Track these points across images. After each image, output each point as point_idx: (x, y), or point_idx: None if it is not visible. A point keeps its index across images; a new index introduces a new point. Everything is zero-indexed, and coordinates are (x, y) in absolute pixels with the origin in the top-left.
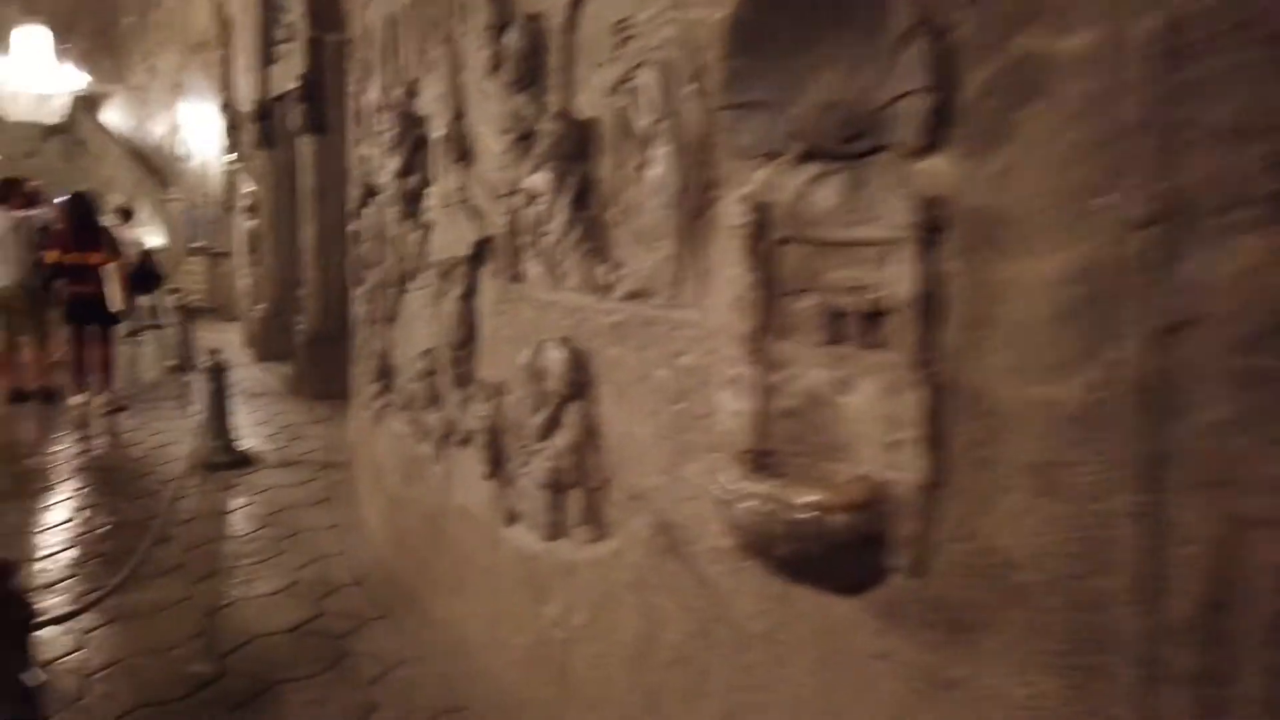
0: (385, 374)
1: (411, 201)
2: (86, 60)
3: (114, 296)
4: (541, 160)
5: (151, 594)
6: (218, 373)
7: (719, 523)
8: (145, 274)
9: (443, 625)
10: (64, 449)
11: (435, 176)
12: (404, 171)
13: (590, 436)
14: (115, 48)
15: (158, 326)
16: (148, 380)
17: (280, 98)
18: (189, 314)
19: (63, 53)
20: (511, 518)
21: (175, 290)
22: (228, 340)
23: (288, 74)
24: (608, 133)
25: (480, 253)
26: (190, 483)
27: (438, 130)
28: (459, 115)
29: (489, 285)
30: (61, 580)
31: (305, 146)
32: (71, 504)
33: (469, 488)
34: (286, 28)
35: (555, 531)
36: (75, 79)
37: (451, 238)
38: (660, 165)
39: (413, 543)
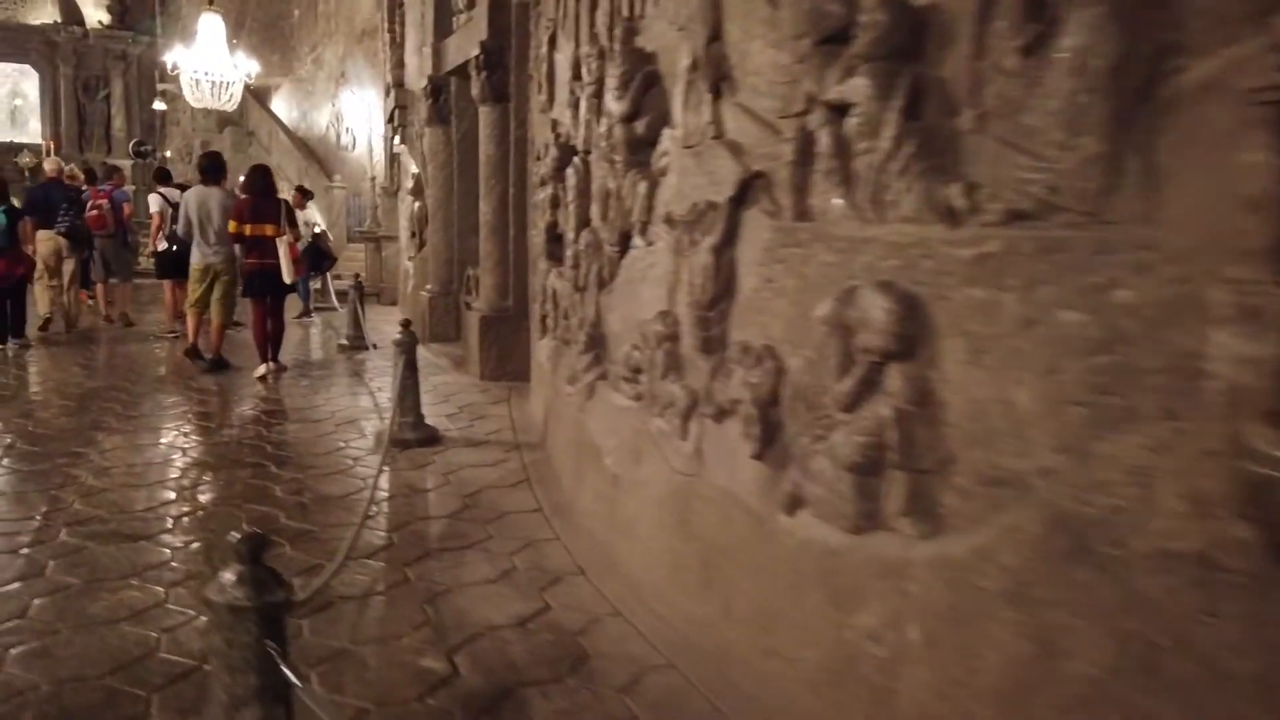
0: (596, 343)
1: (637, 149)
2: (255, 54)
3: (285, 268)
4: (858, 62)
5: (364, 576)
6: (407, 347)
7: (1226, 510)
8: (318, 254)
9: (693, 627)
10: (248, 423)
11: (673, 117)
12: (629, 116)
13: (923, 405)
14: (283, 41)
15: (329, 308)
16: (320, 358)
17: (455, 71)
18: (361, 293)
19: (234, 45)
20: (793, 504)
21: (338, 275)
22: (391, 322)
23: (466, 45)
24: (957, 16)
25: (742, 194)
26: (381, 459)
27: (680, 61)
28: (715, 37)
29: (756, 230)
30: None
31: (486, 116)
32: (265, 477)
33: (729, 468)
34: None
35: (866, 523)
36: (249, 67)
37: (699, 181)
38: (1077, 35)
39: (645, 530)
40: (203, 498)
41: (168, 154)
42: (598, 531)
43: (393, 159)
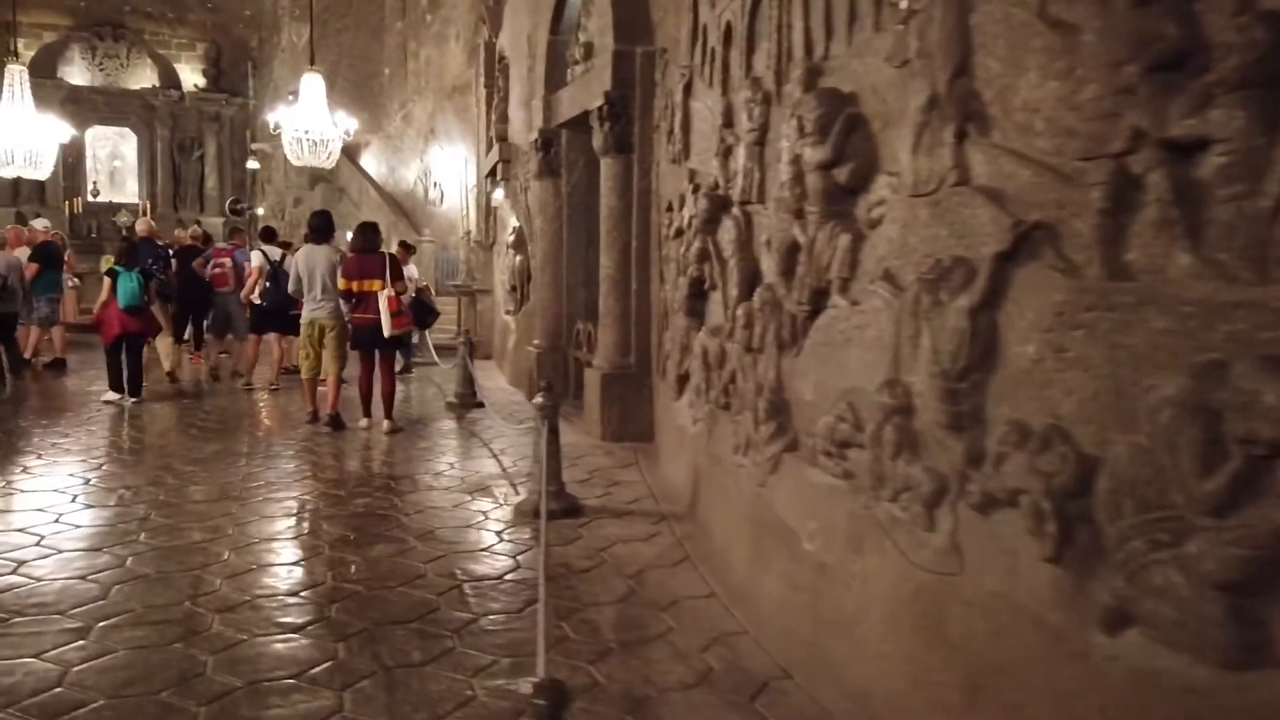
0: (779, 411)
1: (835, 199)
2: (346, 112)
3: (384, 321)
4: (1219, 91)
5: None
6: (550, 411)
7: None
8: (423, 309)
9: None
10: (377, 490)
11: (885, 163)
12: (829, 163)
13: None
14: (372, 99)
15: (429, 363)
16: (430, 416)
17: (568, 124)
18: (471, 349)
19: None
20: (1116, 621)
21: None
22: (490, 378)
23: (584, 96)
24: None
25: (1014, 248)
26: (524, 532)
27: (907, 100)
28: (960, 72)
29: (1036, 290)
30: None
31: (608, 168)
32: (408, 553)
33: (1005, 569)
34: (583, 47)
35: (1246, 656)
36: (348, 125)
37: (937, 233)
38: None
39: (871, 632)
40: (350, 579)
41: (260, 210)
42: (798, 627)
43: (488, 213)
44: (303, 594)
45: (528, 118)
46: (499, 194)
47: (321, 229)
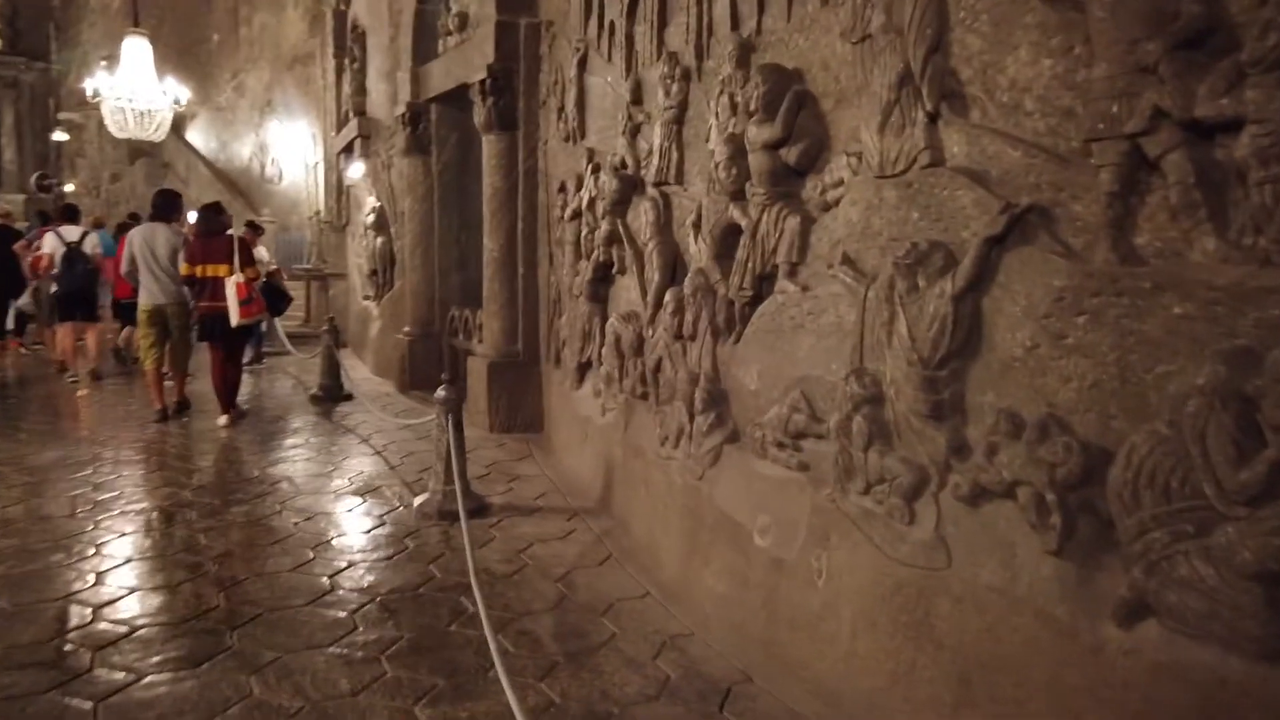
0: (717, 401)
1: (782, 180)
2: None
3: (232, 310)
4: (1254, 71)
5: (500, 695)
6: (454, 405)
7: None
8: (275, 294)
9: None
10: (257, 497)
11: (841, 142)
12: (777, 142)
13: None
14: (199, 68)
15: (280, 352)
16: (296, 411)
17: (440, 98)
18: (336, 338)
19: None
20: (1133, 613)
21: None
22: (351, 368)
23: (460, 69)
24: None
25: (1005, 231)
26: (431, 536)
27: (883, 75)
28: (935, 48)
29: (1031, 275)
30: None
31: (491, 145)
32: (316, 565)
33: (1000, 562)
34: (457, 17)
35: None
36: (179, 94)
37: (907, 216)
38: None
39: (842, 629)
40: (247, 599)
41: (69, 187)
42: (750, 626)
43: (340, 191)
44: (194, 621)
45: (391, 90)
46: (355, 171)
47: (164, 207)
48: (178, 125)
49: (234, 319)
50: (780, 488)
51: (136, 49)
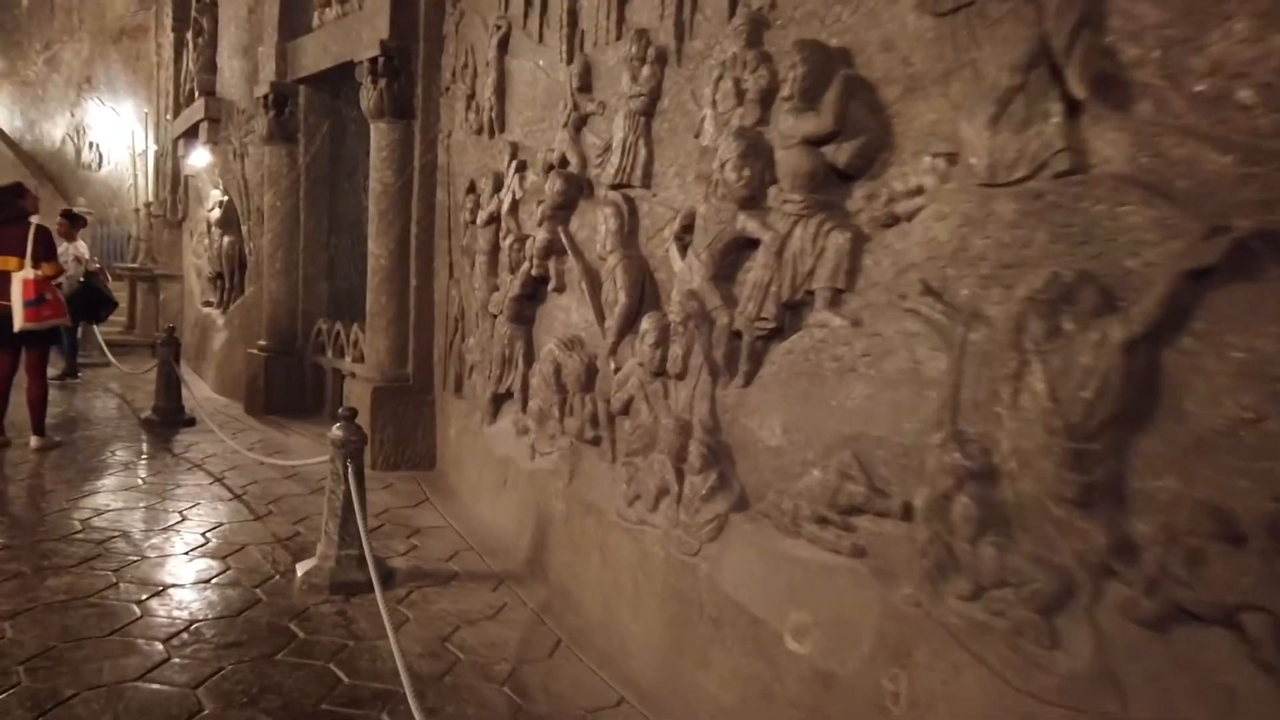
0: (719, 459)
1: (823, 186)
2: None
3: (16, 311)
4: None
5: None
6: (354, 450)
7: None
8: (95, 298)
9: None
10: (85, 561)
11: (911, 140)
12: (824, 138)
13: None
14: (4, 34)
15: (99, 363)
16: (125, 438)
17: (311, 79)
18: (176, 351)
19: None
20: None
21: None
22: (188, 384)
23: (341, 45)
24: None
25: (1215, 262)
26: (326, 618)
27: (1002, 55)
28: (1085, 21)
29: (1247, 323)
30: None
31: (382, 135)
32: (158, 665)
33: (1223, 714)
34: None
35: None
36: None
37: (1032, 236)
38: None
39: None
40: None
41: None
42: None
43: (177, 182)
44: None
45: (249, 68)
46: (198, 160)
47: None
48: None
49: (16, 322)
50: (824, 577)
51: None
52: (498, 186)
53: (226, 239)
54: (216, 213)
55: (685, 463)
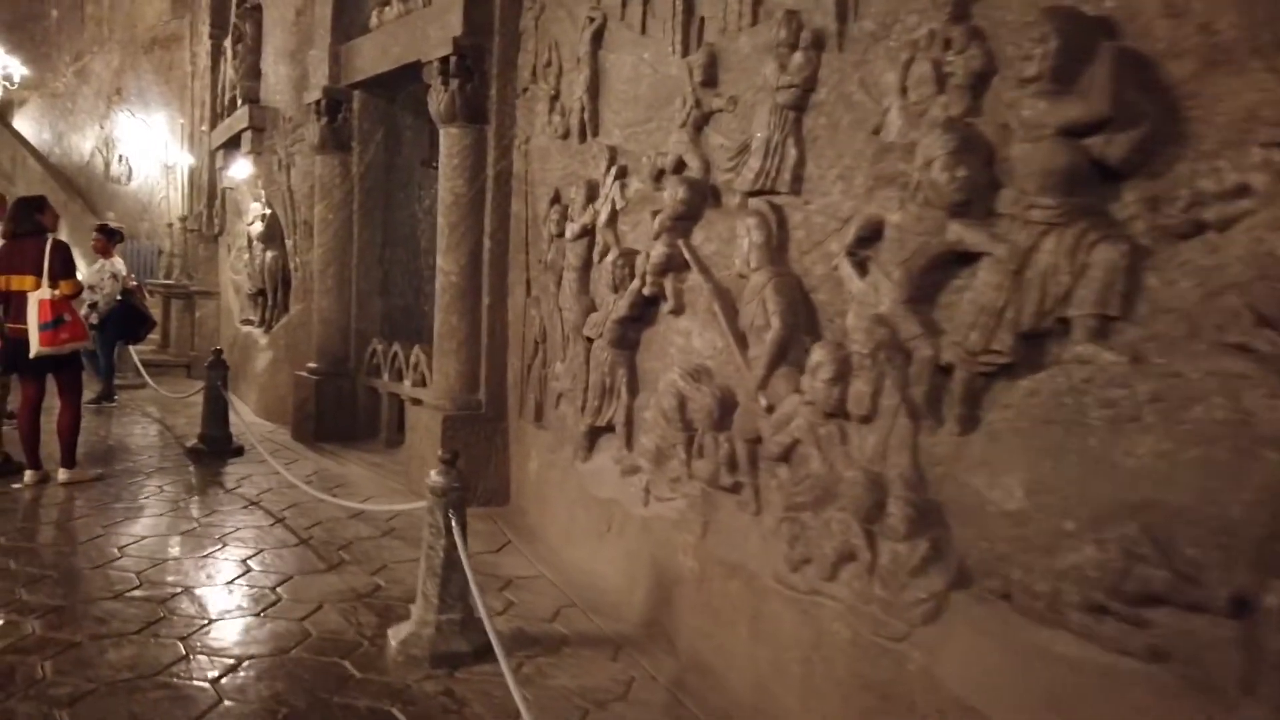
0: (931, 522)
1: (1082, 188)
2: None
3: (32, 334)
4: None
5: None
6: (455, 500)
7: None
8: (131, 317)
9: None
10: (147, 627)
11: (1209, 131)
12: (1090, 127)
13: None
14: (34, 46)
15: (134, 385)
16: (170, 469)
17: (367, 83)
18: (225, 376)
19: None
20: None
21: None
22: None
23: (404, 44)
24: None
25: None
26: (430, 698)
27: None
28: None
29: None
30: None
31: (453, 141)
32: None
33: None
34: None
35: None
36: (11, 69)
37: None
38: None
39: None
40: None
41: None
42: None
43: (214, 195)
44: None
45: (296, 74)
46: (239, 171)
47: None
48: (3, 111)
49: (32, 347)
50: (1107, 684)
51: None
52: (592, 196)
53: (269, 254)
54: (258, 226)
55: (880, 524)
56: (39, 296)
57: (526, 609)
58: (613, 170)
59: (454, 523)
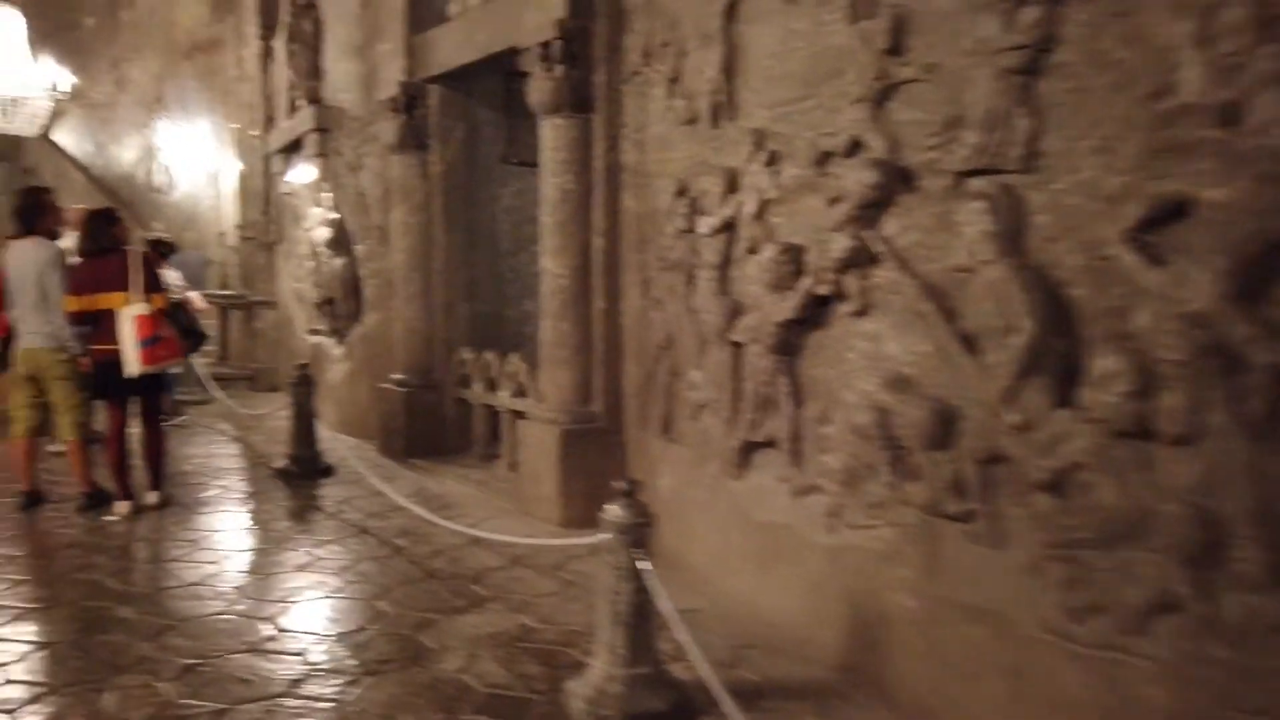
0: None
1: None
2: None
3: (129, 354)
4: None
5: None
6: (639, 535)
7: None
8: (186, 331)
9: None
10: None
11: None
12: None
13: None
14: (69, 56)
15: (199, 400)
16: (254, 489)
17: (447, 76)
18: (310, 390)
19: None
20: None
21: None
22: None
23: (491, 31)
24: None
25: None
26: None
27: None
28: None
29: None
30: None
31: (557, 134)
32: None
33: None
34: None
35: None
36: (60, 78)
37: None
38: None
39: None
40: None
41: None
42: None
43: (269, 201)
44: None
45: (362, 71)
46: (300, 175)
47: (26, 213)
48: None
49: (131, 366)
50: None
51: (6, 21)
52: (731, 186)
53: (338, 261)
54: (324, 233)
55: (1218, 570)
56: (134, 312)
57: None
58: (759, 156)
59: (641, 564)
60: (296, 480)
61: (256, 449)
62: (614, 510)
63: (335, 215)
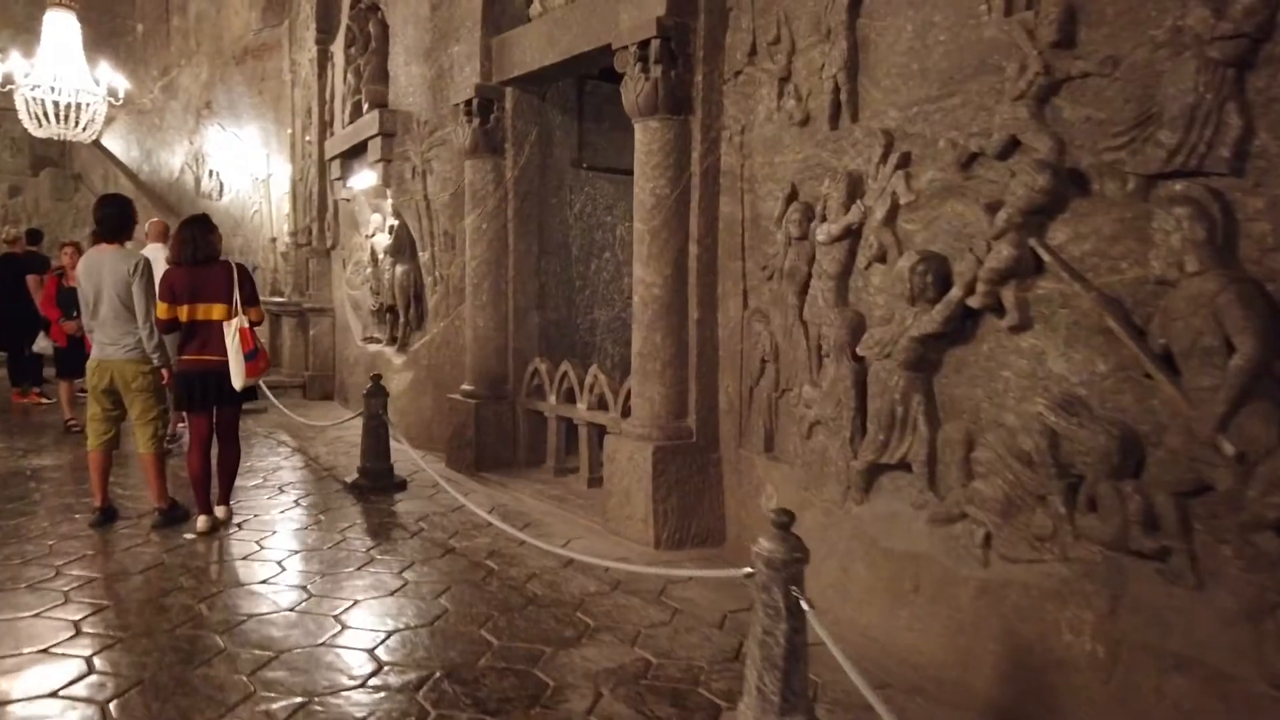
0: None
1: None
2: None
3: (234, 368)
4: None
5: None
6: (795, 573)
7: None
8: None
9: None
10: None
11: None
12: None
13: None
14: (120, 63)
15: (260, 408)
16: (327, 504)
17: (524, 79)
18: (384, 402)
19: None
20: None
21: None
22: (353, 431)
23: (578, 31)
24: None
25: None
26: None
27: None
28: None
29: None
30: None
31: (651, 135)
32: None
33: None
34: None
35: None
36: (115, 84)
37: None
38: None
39: None
40: None
41: None
42: None
43: (325, 207)
44: None
45: (430, 74)
46: (361, 180)
47: (111, 222)
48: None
49: (237, 380)
50: None
51: (61, 26)
52: (854, 191)
53: (400, 268)
54: (384, 239)
55: None
56: (238, 324)
57: (834, 693)
58: (890, 159)
59: (791, 603)
60: (370, 494)
61: (321, 461)
62: (765, 545)
63: (395, 221)
